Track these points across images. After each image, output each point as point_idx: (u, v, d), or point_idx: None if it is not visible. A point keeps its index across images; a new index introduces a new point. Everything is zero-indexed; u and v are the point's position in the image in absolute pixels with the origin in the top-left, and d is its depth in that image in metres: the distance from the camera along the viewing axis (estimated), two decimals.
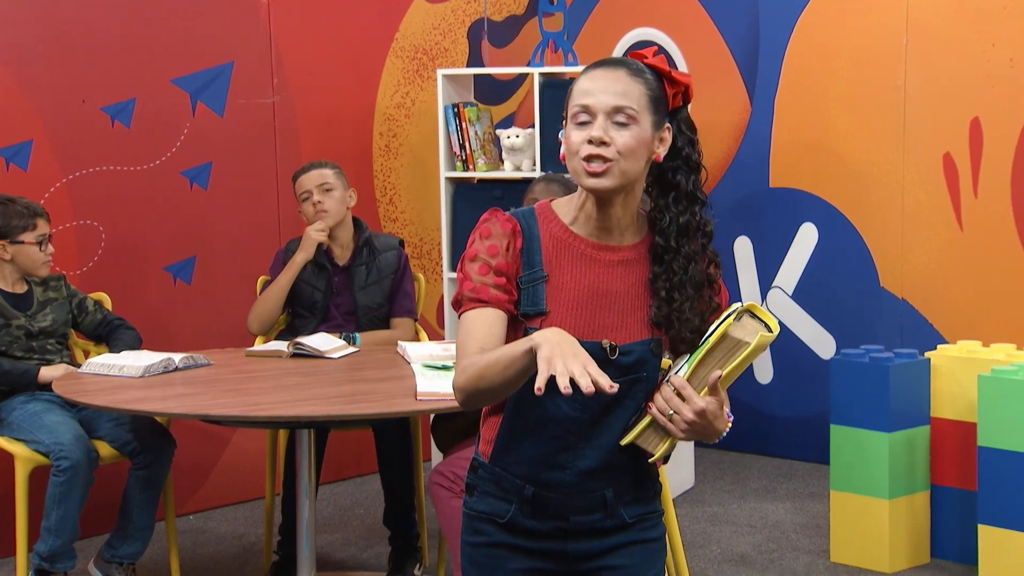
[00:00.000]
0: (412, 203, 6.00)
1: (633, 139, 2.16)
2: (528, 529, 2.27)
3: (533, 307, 2.20)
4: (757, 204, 5.87)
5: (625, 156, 2.16)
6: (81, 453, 4.08)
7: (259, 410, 3.57)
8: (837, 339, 5.65)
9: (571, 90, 2.21)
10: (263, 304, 4.61)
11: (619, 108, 2.16)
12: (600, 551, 2.29)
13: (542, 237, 2.22)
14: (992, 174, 5.20)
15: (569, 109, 2.20)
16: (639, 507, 2.30)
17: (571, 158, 2.19)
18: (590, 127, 2.16)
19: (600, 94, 2.16)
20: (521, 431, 2.22)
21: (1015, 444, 4.18)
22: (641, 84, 2.19)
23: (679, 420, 2.15)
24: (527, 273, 2.20)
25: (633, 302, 2.22)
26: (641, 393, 2.22)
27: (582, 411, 2.20)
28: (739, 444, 5.93)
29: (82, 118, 4.98)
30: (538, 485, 2.24)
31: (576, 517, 2.26)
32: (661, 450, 2.21)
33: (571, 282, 2.20)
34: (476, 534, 2.31)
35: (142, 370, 3.94)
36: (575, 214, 2.24)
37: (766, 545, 4.79)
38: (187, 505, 5.23)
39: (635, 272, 2.23)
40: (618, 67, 2.20)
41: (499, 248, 2.20)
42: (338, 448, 5.15)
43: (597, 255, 2.22)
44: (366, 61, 5.83)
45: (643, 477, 2.30)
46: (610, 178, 2.16)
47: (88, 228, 5.01)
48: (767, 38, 5.80)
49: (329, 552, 4.81)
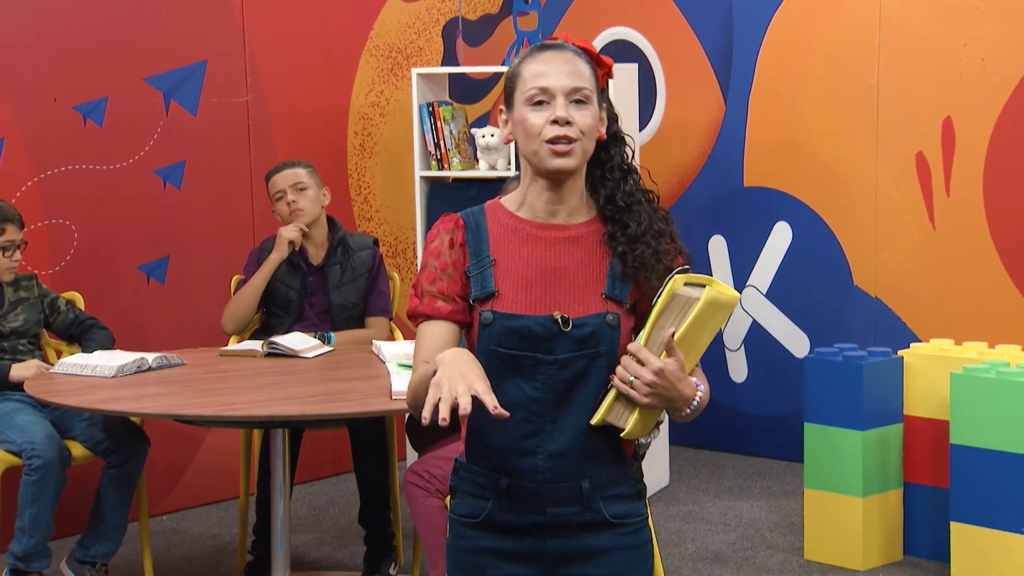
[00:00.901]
0: (387, 202, 5.99)
1: (592, 118, 2.23)
2: (505, 525, 2.26)
3: (483, 291, 2.24)
4: (731, 203, 5.89)
5: (587, 135, 2.22)
6: (53, 452, 4.06)
7: (233, 410, 3.56)
8: (811, 338, 5.67)
9: (516, 74, 2.24)
10: (237, 304, 4.60)
11: (577, 88, 2.21)
12: (580, 552, 2.26)
13: (490, 227, 2.27)
14: (964, 173, 5.23)
15: (519, 93, 2.23)
16: (620, 505, 2.29)
17: (531, 140, 2.22)
18: (549, 108, 2.20)
19: (557, 76, 2.21)
20: (488, 421, 2.20)
21: (987, 442, 4.20)
22: (587, 65, 2.25)
23: (640, 384, 2.17)
24: (475, 261, 2.25)
25: (586, 277, 2.25)
26: (603, 369, 2.22)
27: (543, 391, 2.21)
28: (713, 442, 5.94)
29: (54, 117, 4.94)
30: (512, 475, 2.24)
31: (553, 509, 2.24)
32: (631, 423, 2.19)
33: (519, 262, 2.24)
34: (459, 538, 2.31)
35: (115, 370, 3.92)
36: (521, 200, 2.29)
37: (740, 543, 4.80)
38: (160, 505, 5.21)
39: (586, 248, 2.26)
40: (564, 49, 2.25)
41: (441, 247, 2.27)
42: (313, 447, 5.14)
43: (543, 234, 2.26)
44: (340, 60, 5.82)
45: (622, 470, 2.29)
46: (574, 157, 2.21)
47: (60, 227, 4.98)
48: (741, 37, 5.81)
49: (304, 552, 4.80)
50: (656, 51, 6.03)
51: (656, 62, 6.02)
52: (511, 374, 2.20)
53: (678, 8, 5.98)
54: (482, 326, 2.23)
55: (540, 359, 2.20)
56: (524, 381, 2.21)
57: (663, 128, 6.06)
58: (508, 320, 2.21)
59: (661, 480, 5.48)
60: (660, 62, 6.01)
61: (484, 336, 2.23)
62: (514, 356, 2.21)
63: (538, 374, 2.19)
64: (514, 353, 2.21)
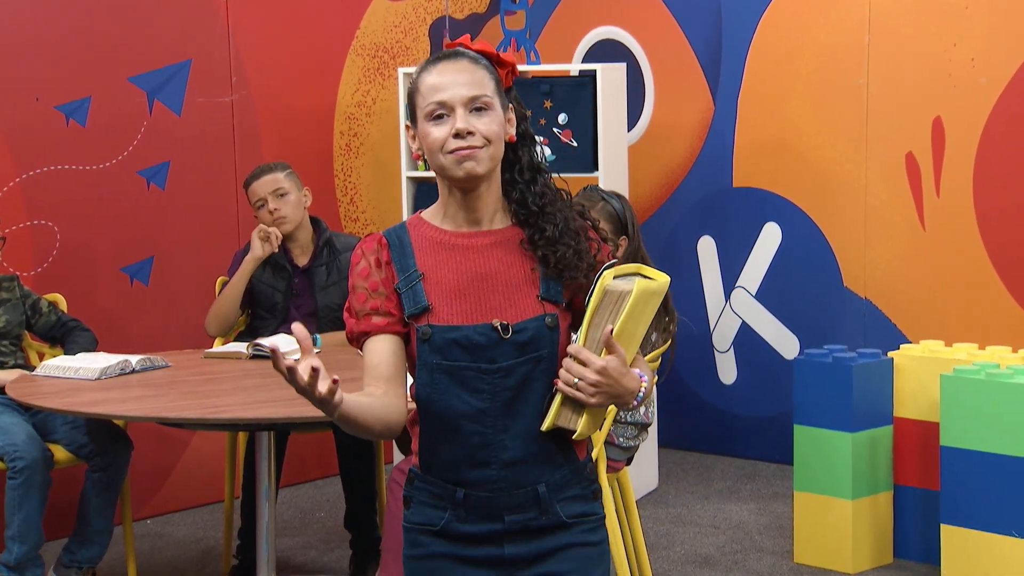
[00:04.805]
0: (373, 203, 5.97)
1: (495, 123, 2.20)
2: (463, 535, 2.25)
3: (416, 306, 2.22)
4: (720, 204, 5.87)
5: (492, 141, 2.20)
6: (36, 453, 4.04)
7: (218, 412, 3.54)
8: (800, 339, 5.65)
9: (415, 88, 2.23)
10: (220, 305, 4.57)
11: (475, 97, 2.19)
12: (537, 554, 2.26)
13: (414, 241, 2.26)
14: (954, 173, 5.22)
15: (420, 108, 2.21)
16: (576, 506, 2.27)
17: (435, 155, 2.20)
18: (449, 121, 2.19)
19: (453, 87, 2.19)
20: (438, 434, 2.23)
21: (977, 444, 4.19)
22: (484, 70, 2.22)
23: (584, 385, 2.16)
24: (403, 277, 2.23)
25: (517, 278, 2.24)
26: (544, 374, 2.21)
27: (489, 401, 2.20)
28: (702, 445, 5.92)
29: (36, 116, 4.91)
30: (468, 486, 2.23)
31: (510, 516, 2.23)
32: (581, 424, 2.19)
33: (448, 273, 2.23)
34: (414, 546, 2.29)
35: (98, 372, 3.90)
36: (442, 212, 2.28)
37: (730, 546, 4.78)
38: (145, 509, 5.18)
39: (512, 252, 2.25)
40: (459, 58, 2.22)
41: (369, 268, 2.25)
42: (298, 450, 5.12)
43: (468, 242, 2.25)
44: (326, 59, 5.80)
45: (576, 471, 2.28)
46: (481, 163, 2.19)
47: (43, 228, 4.94)
48: (730, 37, 5.79)
49: (289, 556, 4.78)
50: (644, 51, 6.02)
51: (644, 62, 6.00)
52: (456, 387, 2.19)
53: (667, 7, 5.96)
54: (420, 341, 2.21)
55: (484, 368, 2.19)
56: (469, 394, 2.20)
57: (652, 128, 6.04)
58: (446, 332, 2.19)
59: (650, 483, 5.46)
60: (649, 62, 6.00)
61: (424, 351, 2.21)
62: (457, 367, 2.19)
63: (484, 384, 2.18)
64: (457, 364, 2.19)
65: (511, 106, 2.26)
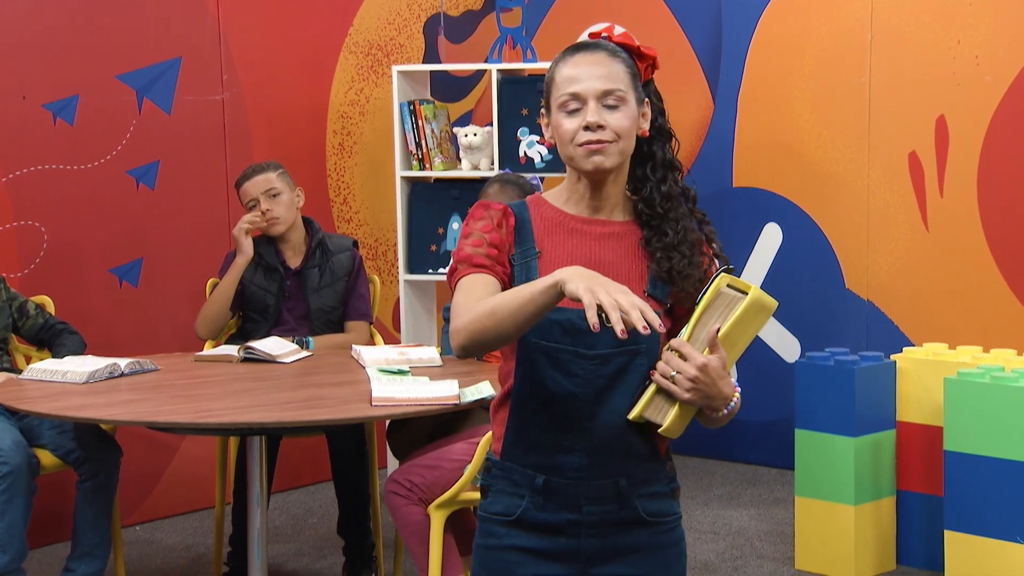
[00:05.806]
0: (367, 203, 5.93)
1: (626, 119, 2.23)
2: (540, 524, 2.25)
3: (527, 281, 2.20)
4: (720, 204, 5.82)
5: (622, 136, 2.23)
6: (21, 458, 3.98)
7: (209, 417, 3.50)
8: (802, 342, 5.62)
9: (551, 78, 2.26)
10: (209, 308, 4.54)
11: (608, 91, 2.22)
12: (614, 551, 2.26)
13: (533, 220, 2.28)
14: (958, 173, 5.19)
15: (554, 99, 2.25)
16: (655, 503, 2.28)
17: (565, 146, 2.24)
18: (582, 113, 2.22)
19: (587, 80, 2.22)
20: (527, 417, 2.24)
21: (982, 448, 4.17)
22: (621, 64, 2.25)
23: (682, 380, 2.18)
24: (519, 251, 2.25)
25: (628, 273, 2.26)
26: (643, 367, 2.22)
27: (582, 386, 2.20)
28: (702, 449, 5.89)
29: (23, 115, 4.87)
30: (549, 472, 2.24)
31: (588, 507, 2.24)
32: (670, 419, 2.20)
33: (563, 255, 2.25)
34: (488, 536, 2.29)
35: (86, 376, 3.86)
36: (567, 195, 2.30)
37: (730, 552, 4.74)
38: (134, 515, 5.14)
39: (627, 245, 2.28)
40: (597, 50, 2.25)
41: (492, 225, 2.26)
42: (291, 455, 5.08)
43: (588, 228, 2.27)
44: (319, 57, 5.76)
45: (657, 468, 2.29)
46: (610, 158, 2.22)
47: (30, 229, 4.89)
48: (730, 35, 5.76)
49: (281, 563, 4.74)
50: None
51: None
52: (550, 368, 2.19)
53: (666, 5, 5.95)
54: None
55: (581, 353, 2.19)
56: (563, 376, 2.20)
57: None
58: (552, 313, 2.15)
59: None
60: None
61: None
62: (554, 349, 2.20)
63: (579, 368, 2.19)
64: (555, 346, 2.20)
65: (647, 100, 2.28)
